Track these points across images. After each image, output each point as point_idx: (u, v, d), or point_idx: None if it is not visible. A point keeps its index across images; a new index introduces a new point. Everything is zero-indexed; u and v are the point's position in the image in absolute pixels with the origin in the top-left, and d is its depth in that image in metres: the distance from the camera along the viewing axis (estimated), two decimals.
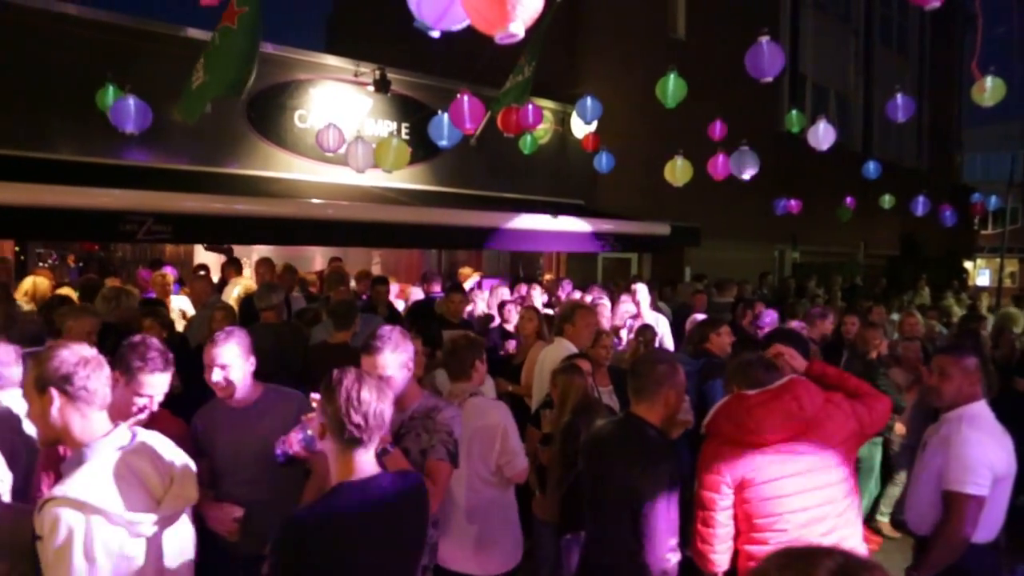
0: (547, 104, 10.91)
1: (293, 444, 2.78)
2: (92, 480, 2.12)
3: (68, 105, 7.57)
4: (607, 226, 10.68)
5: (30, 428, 2.75)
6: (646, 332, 6.39)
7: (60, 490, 2.08)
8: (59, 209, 6.15)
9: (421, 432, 3.02)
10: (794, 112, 10.00)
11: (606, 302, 7.23)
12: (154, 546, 2.23)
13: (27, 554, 2.09)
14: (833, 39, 18.92)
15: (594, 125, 9.25)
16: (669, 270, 13.22)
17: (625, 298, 7.54)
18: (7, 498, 2.69)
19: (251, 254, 10.29)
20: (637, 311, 7.47)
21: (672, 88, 7.20)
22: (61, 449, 2.55)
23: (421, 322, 7.47)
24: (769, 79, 6.35)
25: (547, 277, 11.49)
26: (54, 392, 2.17)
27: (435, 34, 3.27)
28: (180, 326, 6.76)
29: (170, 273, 7.53)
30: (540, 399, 5.07)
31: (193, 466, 2.41)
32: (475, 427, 3.50)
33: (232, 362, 3.17)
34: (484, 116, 7.29)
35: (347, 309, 5.38)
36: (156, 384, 2.87)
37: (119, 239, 8.26)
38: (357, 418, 2.16)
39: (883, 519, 6.12)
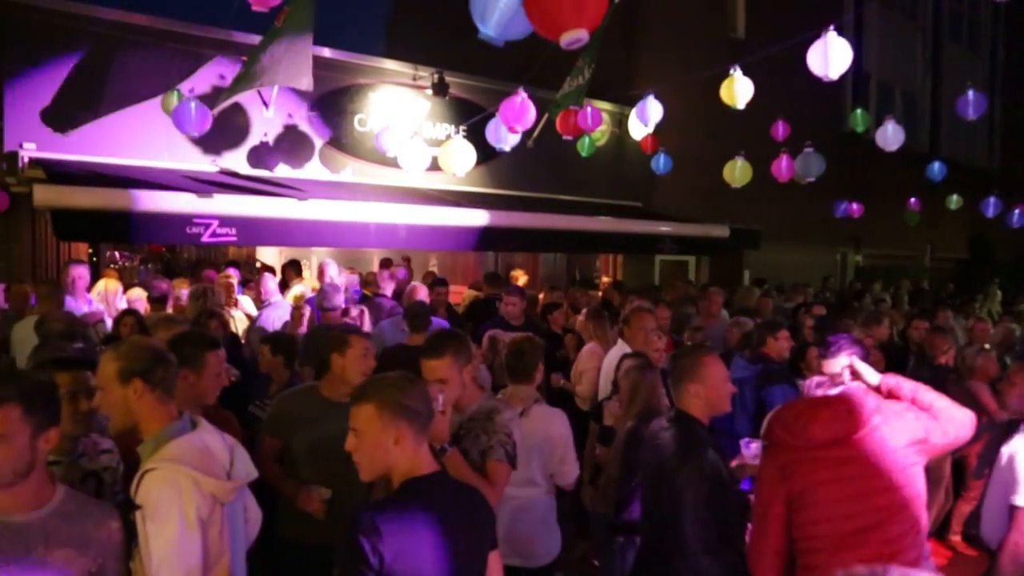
0: (604, 105, 10.84)
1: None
2: (179, 453, 2.29)
3: (137, 112, 7.82)
4: (664, 228, 10.59)
5: None
6: (696, 334, 6.33)
7: (156, 461, 2.26)
8: (129, 213, 6.37)
9: (480, 433, 3.06)
10: (859, 111, 9.75)
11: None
12: (227, 518, 2.39)
13: (110, 550, 2.16)
14: (899, 36, 18.40)
15: (653, 126, 9.16)
16: (728, 273, 13.02)
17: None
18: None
19: (311, 256, 10.50)
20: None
21: (740, 88, 7.06)
22: None
23: (478, 322, 7.56)
24: (833, 77, 6.18)
25: (604, 280, 11.43)
26: (139, 382, 2.35)
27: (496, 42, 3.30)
28: (243, 326, 6.96)
29: (234, 274, 7.71)
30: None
31: (242, 448, 2.58)
32: (541, 435, 3.55)
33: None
34: (537, 118, 7.25)
35: (423, 311, 5.49)
36: (222, 358, 3.16)
37: (186, 241, 8.49)
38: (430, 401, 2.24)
39: (955, 536, 5.91)
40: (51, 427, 2.11)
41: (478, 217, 8.45)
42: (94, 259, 9.24)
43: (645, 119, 7.88)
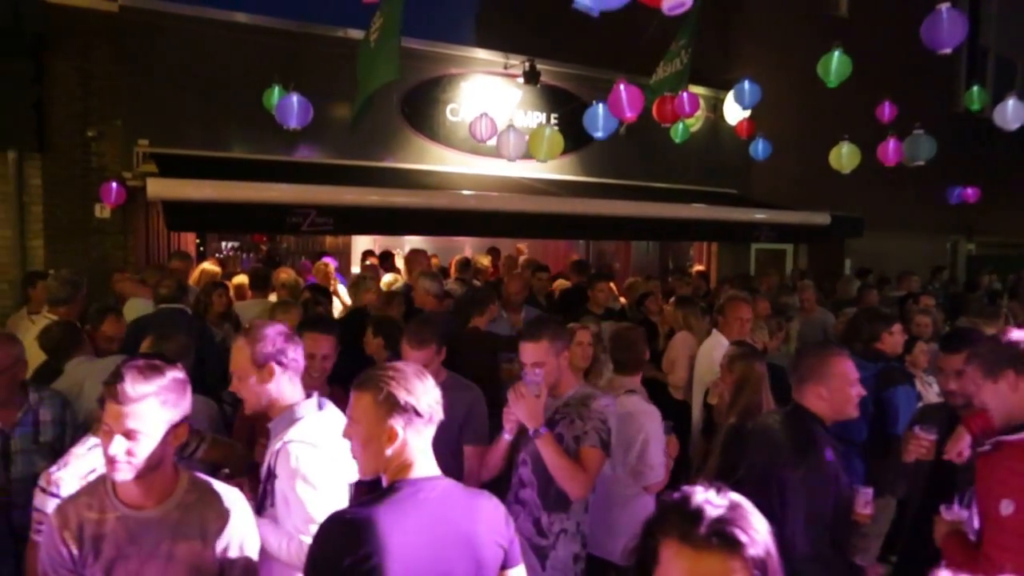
0: (699, 90, 10.57)
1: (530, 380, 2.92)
2: (312, 430, 2.45)
3: (239, 107, 8.09)
4: (760, 215, 10.26)
5: None
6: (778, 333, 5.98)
7: (293, 435, 2.44)
8: (233, 204, 6.62)
9: (575, 419, 3.06)
10: (975, 89, 9.15)
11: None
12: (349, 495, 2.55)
13: (232, 539, 2.22)
14: (1022, 5, 17.18)
15: (749, 111, 8.87)
16: (827, 263, 12.52)
17: None
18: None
19: (403, 245, 10.66)
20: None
21: (836, 66, 6.73)
22: None
23: (571, 310, 7.51)
24: (947, 51, 5.80)
25: (697, 268, 11.18)
26: (274, 365, 2.50)
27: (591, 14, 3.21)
28: (337, 312, 7.13)
29: (331, 263, 7.91)
30: (700, 395, 4.98)
31: None
32: (623, 425, 3.48)
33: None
34: (643, 104, 7.09)
35: (482, 296, 5.50)
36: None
37: (286, 231, 8.77)
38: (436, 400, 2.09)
39: None
40: (183, 422, 2.16)
41: (570, 205, 8.39)
42: (201, 249, 9.65)
43: (743, 103, 7.62)
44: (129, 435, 2.04)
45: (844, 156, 8.39)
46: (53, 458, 3.08)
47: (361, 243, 11.86)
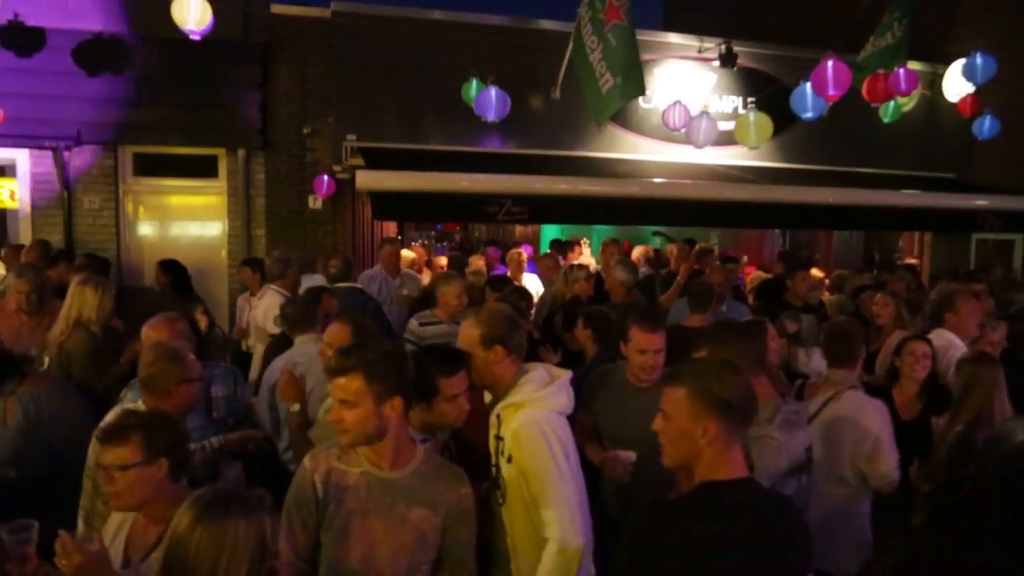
0: (914, 65, 9.72)
1: None
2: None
3: (438, 101, 8.41)
4: (982, 201, 9.29)
5: None
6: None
7: (525, 410, 2.53)
8: (434, 194, 6.91)
9: None
10: None
11: None
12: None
13: (459, 513, 2.35)
14: None
15: (974, 86, 8.05)
16: None
17: None
18: None
19: (591, 234, 10.67)
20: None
21: None
22: None
23: (768, 304, 7.19)
24: None
25: (909, 261, 10.34)
26: (500, 348, 2.59)
27: None
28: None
29: (525, 252, 8.05)
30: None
31: None
32: (849, 423, 3.27)
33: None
34: (851, 82, 6.61)
35: (705, 291, 5.35)
36: None
37: (482, 220, 9.04)
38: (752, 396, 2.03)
39: None
40: (395, 395, 2.25)
41: (767, 193, 8.03)
42: (399, 238, 10.15)
43: (975, 78, 6.90)
44: (342, 404, 2.21)
45: None
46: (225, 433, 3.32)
47: (550, 232, 12.03)
